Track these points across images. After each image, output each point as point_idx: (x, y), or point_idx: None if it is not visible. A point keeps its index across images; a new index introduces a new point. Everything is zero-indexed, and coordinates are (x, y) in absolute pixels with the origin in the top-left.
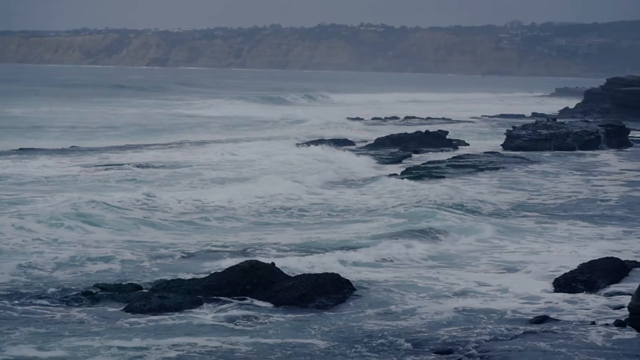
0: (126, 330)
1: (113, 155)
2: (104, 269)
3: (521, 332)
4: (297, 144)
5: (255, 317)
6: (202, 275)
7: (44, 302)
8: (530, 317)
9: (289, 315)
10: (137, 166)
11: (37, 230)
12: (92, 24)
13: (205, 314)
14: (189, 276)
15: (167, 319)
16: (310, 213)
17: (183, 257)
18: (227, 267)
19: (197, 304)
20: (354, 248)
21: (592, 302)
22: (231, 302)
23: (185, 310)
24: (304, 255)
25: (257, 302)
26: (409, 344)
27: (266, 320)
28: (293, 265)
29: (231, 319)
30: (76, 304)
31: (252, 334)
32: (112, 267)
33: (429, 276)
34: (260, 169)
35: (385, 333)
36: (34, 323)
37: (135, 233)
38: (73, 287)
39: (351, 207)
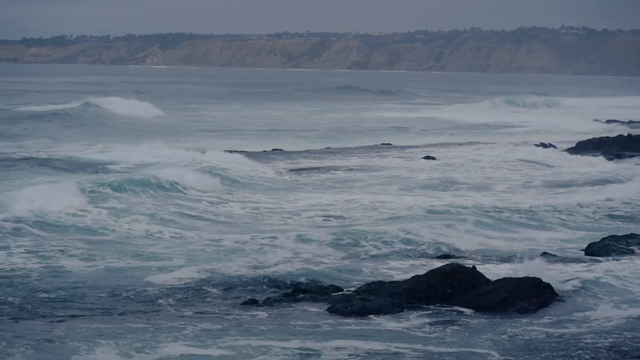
0: (296, 332)
1: (331, 158)
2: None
3: None
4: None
5: (443, 323)
6: None
7: (243, 301)
8: None
9: (478, 321)
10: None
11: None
12: (294, 27)
13: (391, 318)
14: None
15: (349, 322)
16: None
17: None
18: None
19: (397, 307)
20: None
21: None
22: (427, 306)
23: (382, 314)
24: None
25: (456, 307)
26: (609, 352)
27: (450, 327)
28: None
29: (416, 324)
30: (271, 306)
31: (425, 340)
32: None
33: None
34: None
35: (584, 339)
36: (209, 321)
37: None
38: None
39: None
